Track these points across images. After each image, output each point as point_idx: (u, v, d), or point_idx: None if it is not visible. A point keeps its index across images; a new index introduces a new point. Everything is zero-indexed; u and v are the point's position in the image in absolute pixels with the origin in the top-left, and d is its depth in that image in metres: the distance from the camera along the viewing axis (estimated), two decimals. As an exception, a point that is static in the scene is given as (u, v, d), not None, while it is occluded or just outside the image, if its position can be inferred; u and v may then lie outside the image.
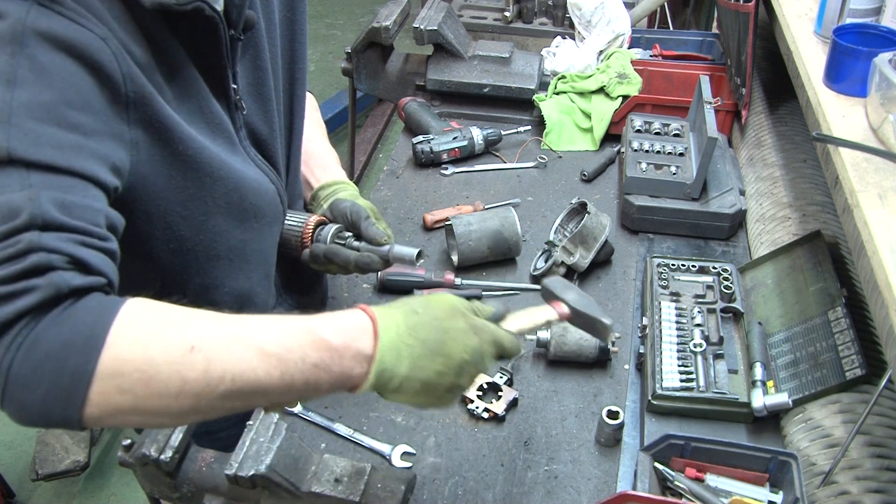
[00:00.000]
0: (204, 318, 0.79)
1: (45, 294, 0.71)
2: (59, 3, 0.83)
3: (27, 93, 0.78)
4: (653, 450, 1.15)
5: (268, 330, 0.80)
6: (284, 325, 0.81)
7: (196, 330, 0.77)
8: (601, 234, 1.59)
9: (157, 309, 0.78)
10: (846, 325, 1.24)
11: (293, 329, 0.81)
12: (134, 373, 0.73)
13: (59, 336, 0.71)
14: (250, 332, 0.79)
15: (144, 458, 1.09)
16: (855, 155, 1.10)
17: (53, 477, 2.57)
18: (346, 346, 0.82)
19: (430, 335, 0.86)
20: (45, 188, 0.75)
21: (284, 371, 0.78)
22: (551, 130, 2.08)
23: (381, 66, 2.26)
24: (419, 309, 0.88)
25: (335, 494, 1.06)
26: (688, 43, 2.35)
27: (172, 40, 0.98)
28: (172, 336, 0.75)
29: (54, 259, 0.73)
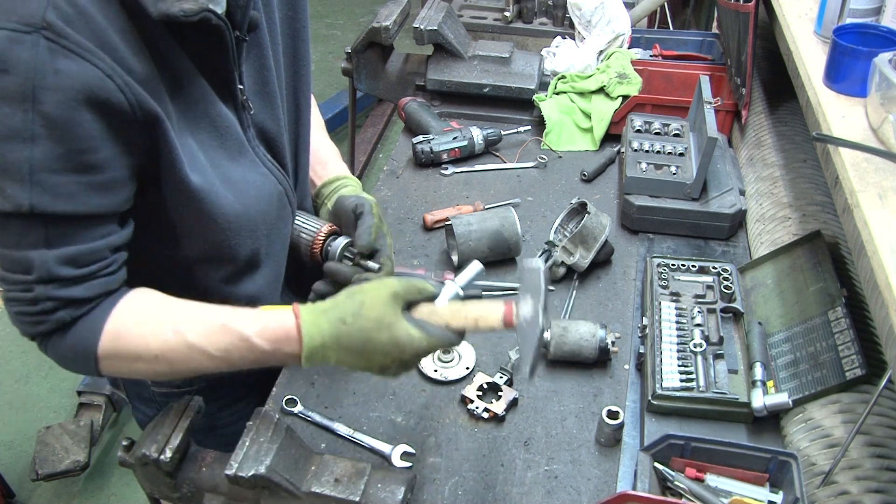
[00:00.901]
0: (168, 327, 1.01)
1: (52, 327, 0.99)
2: (64, 38, 0.84)
3: (44, 148, 0.87)
4: (653, 450, 1.15)
5: (213, 340, 1.00)
6: (226, 336, 1.01)
7: (160, 342, 1.00)
8: (601, 234, 1.59)
9: (134, 320, 1.01)
10: (846, 325, 1.24)
11: (232, 337, 1.00)
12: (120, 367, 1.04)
13: (67, 349, 1.01)
14: (200, 342, 1.00)
15: (144, 458, 1.09)
16: (855, 155, 1.10)
17: (53, 477, 2.57)
18: (276, 349, 1.01)
19: (353, 345, 0.99)
20: (59, 244, 0.94)
21: (231, 365, 1.03)
22: (551, 130, 2.08)
23: (381, 66, 2.26)
24: (348, 318, 0.98)
25: (335, 494, 1.06)
26: (688, 43, 2.35)
27: (178, 50, 0.99)
28: (142, 349, 1.01)
29: (56, 305, 0.97)
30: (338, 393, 1.40)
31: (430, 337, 1.00)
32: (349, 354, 0.99)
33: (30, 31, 0.83)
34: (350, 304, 0.99)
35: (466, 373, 1.41)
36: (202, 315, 1.03)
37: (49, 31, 0.84)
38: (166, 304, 1.05)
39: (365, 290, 1.01)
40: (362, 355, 0.99)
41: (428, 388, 1.40)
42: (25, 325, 0.99)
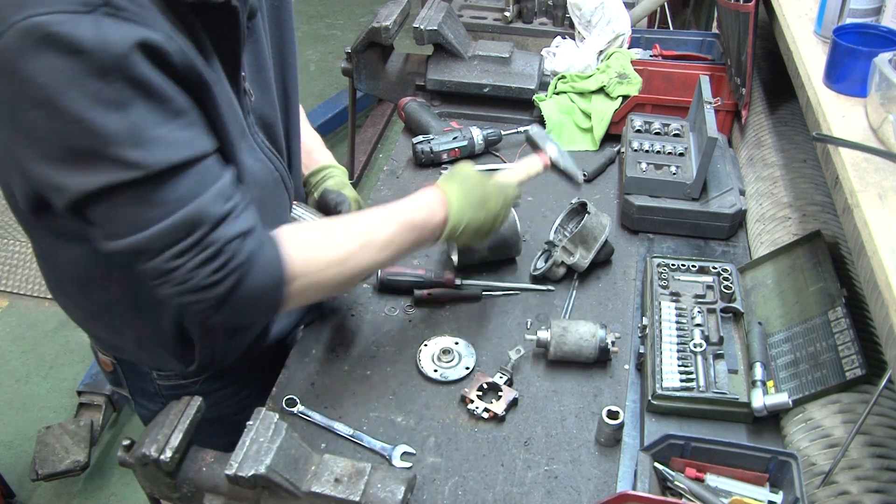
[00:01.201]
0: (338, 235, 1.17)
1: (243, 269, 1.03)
2: (123, 9, 0.88)
3: (140, 108, 0.91)
4: (653, 450, 1.15)
5: (382, 230, 1.20)
6: (390, 222, 1.21)
7: (339, 249, 1.15)
8: (601, 234, 1.59)
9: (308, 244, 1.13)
10: (846, 325, 1.24)
11: (396, 224, 1.21)
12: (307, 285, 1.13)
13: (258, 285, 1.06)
14: (372, 236, 1.18)
15: (144, 458, 1.09)
16: (855, 155, 1.10)
17: (53, 477, 2.57)
18: (429, 218, 1.25)
19: (476, 197, 1.29)
20: (204, 187, 0.98)
21: (397, 253, 1.22)
22: (551, 130, 2.08)
23: (381, 66, 2.26)
24: (464, 181, 1.29)
25: (335, 494, 1.07)
26: (688, 43, 2.34)
27: (202, 32, 1.01)
28: (331, 254, 1.14)
29: (237, 241, 1.02)
30: (338, 393, 1.40)
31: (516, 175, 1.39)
32: (475, 208, 1.28)
33: (90, 9, 0.85)
34: (456, 176, 1.31)
35: (466, 373, 1.41)
36: (364, 216, 1.22)
37: (107, 6, 0.86)
38: (323, 222, 1.22)
39: (456, 169, 1.33)
40: (483, 204, 1.29)
41: (428, 388, 1.40)
42: (213, 287, 1.01)
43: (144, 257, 0.99)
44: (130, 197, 0.94)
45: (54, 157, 0.92)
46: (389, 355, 1.47)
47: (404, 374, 1.43)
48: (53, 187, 0.95)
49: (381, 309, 1.57)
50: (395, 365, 1.45)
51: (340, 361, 1.46)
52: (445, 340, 1.48)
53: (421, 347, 1.46)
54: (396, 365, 1.45)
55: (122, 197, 0.94)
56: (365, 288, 1.62)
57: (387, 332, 1.52)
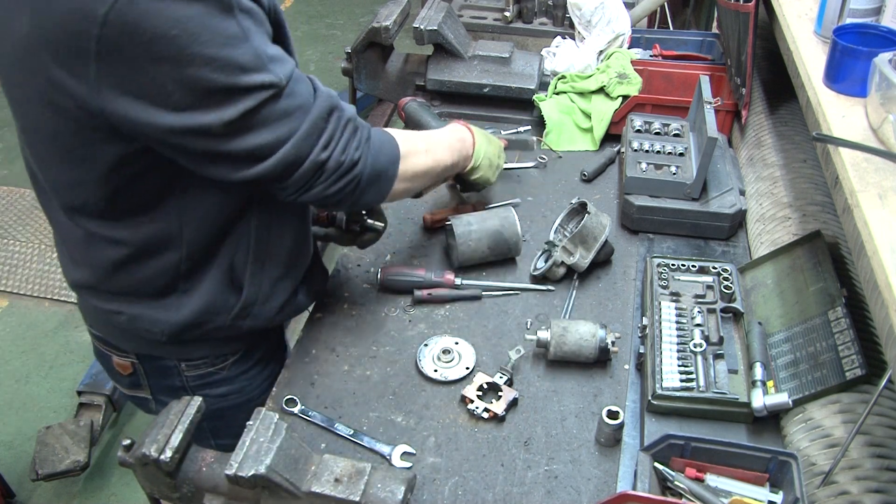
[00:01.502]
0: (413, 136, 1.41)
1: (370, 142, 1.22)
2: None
3: (256, 36, 1.03)
4: (653, 450, 1.15)
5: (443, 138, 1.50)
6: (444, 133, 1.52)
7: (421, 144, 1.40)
8: (601, 234, 1.59)
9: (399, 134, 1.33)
10: (846, 325, 1.24)
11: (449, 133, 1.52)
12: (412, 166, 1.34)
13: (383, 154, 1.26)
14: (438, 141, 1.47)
15: (144, 458, 1.08)
16: (855, 155, 1.10)
17: (53, 477, 2.57)
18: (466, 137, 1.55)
19: (483, 133, 1.60)
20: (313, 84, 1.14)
21: (455, 158, 1.50)
22: (551, 130, 2.08)
23: (381, 66, 2.26)
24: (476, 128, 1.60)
25: (335, 494, 1.06)
26: (688, 43, 2.34)
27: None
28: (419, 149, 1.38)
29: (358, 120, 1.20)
30: (338, 393, 1.40)
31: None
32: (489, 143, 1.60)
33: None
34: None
35: (466, 373, 1.41)
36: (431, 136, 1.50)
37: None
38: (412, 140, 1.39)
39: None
40: (489, 137, 1.62)
41: (428, 388, 1.40)
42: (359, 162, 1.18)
43: (293, 167, 1.11)
44: (268, 116, 1.06)
45: (186, 106, 1.00)
46: (389, 355, 1.47)
47: (404, 374, 1.43)
48: (192, 131, 1.03)
49: (381, 309, 1.57)
50: (395, 365, 1.45)
51: (340, 361, 1.46)
52: (445, 340, 1.48)
53: (421, 347, 1.46)
54: (396, 365, 1.45)
55: (261, 119, 1.05)
56: (365, 288, 1.62)
57: (387, 332, 1.52)
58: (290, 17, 6.13)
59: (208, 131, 1.03)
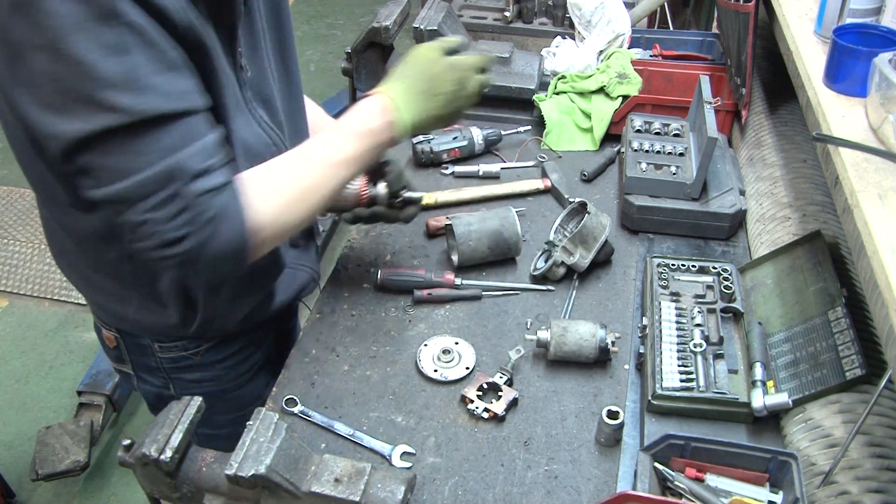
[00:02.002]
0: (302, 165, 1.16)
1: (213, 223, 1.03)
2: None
3: (138, 55, 0.93)
4: (653, 450, 1.15)
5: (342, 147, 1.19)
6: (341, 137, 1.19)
7: (305, 181, 1.15)
8: (601, 234, 1.59)
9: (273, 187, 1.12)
10: (846, 325, 1.24)
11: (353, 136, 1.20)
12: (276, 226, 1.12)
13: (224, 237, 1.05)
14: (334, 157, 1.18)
15: (144, 458, 1.08)
16: (855, 155, 1.10)
17: (53, 477, 2.57)
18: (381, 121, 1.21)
19: (423, 86, 1.24)
20: (188, 141, 1.00)
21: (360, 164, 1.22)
22: (551, 130, 2.08)
23: (381, 66, 2.26)
24: (409, 71, 1.25)
25: (335, 494, 1.06)
26: (688, 43, 2.34)
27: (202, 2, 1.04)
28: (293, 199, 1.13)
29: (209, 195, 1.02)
30: (338, 393, 1.40)
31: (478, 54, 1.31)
32: (425, 98, 1.24)
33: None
34: (403, 68, 1.26)
35: (466, 373, 1.41)
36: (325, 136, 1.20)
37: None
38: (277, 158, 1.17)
39: (407, 57, 1.27)
40: (434, 90, 1.24)
41: (428, 388, 1.40)
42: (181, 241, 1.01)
43: (123, 207, 1.00)
44: (118, 144, 0.96)
45: (51, 103, 0.93)
46: (389, 355, 1.47)
47: (404, 374, 1.43)
48: (49, 135, 0.96)
49: (381, 309, 1.57)
50: (395, 365, 1.45)
51: (340, 361, 1.46)
52: (445, 340, 1.48)
53: (421, 347, 1.46)
54: (396, 365, 1.45)
55: (111, 144, 0.96)
56: (365, 288, 1.62)
57: (387, 332, 1.52)
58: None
59: (60, 138, 0.96)
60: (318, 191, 1.17)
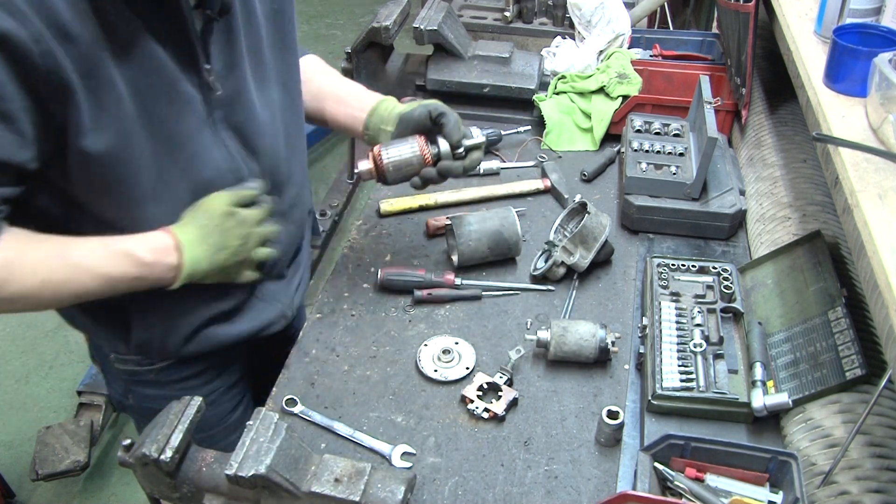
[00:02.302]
0: (53, 252, 1.08)
1: None
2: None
3: None
4: (653, 450, 1.15)
5: (98, 257, 1.11)
6: (110, 252, 1.11)
7: (45, 268, 1.07)
8: (601, 234, 1.59)
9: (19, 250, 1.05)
10: (846, 325, 1.24)
11: (117, 254, 1.12)
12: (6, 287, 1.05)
13: None
14: (86, 261, 1.10)
15: (144, 458, 1.08)
16: (855, 155, 1.10)
17: (53, 477, 2.57)
18: (157, 261, 1.15)
19: (214, 239, 1.19)
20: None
21: (114, 286, 1.14)
22: (551, 130, 2.08)
23: (381, 66, 2.26)
24: (203, 220, 1.18)
25: (335, 494, 1.06)
26: (688, 43, 2.34)
27: (128, 15, 1.00)
28: (28, 276, 1.05)
29: None
30: (338, 393, 1.40)
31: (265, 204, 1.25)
32: (214, 250, 1.20)
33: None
34: (199, 214, 1.19)
35: (466, 373, 1.41)
36: (86, 241, 1.11)
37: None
38: (47, 237, 1.09)
39: (202, 204, 1.19)
40: (224, 243, 1.20)
41: (428, 388, 1.40)
42: None
43: None
44: None
45: None
46: (389, 355, 1.47)
47: (404, 374, 1.43)
48: None
49: (381, 309, 1.57)
50: (395, 365, 1.45)
51: (340, 361, 1.46)
52: (445, 340, 1.48)
53: (421, 347, 1.46)
54: (396, 365, 1.45)
55: None
56: (365, 288, 1.62)
57: (387, 332, 1.52)
58: (290, 17, 6.12)
59: None
60: (56, 293, 1.10)
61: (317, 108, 1.52)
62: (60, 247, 1.09)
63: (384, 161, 1.42)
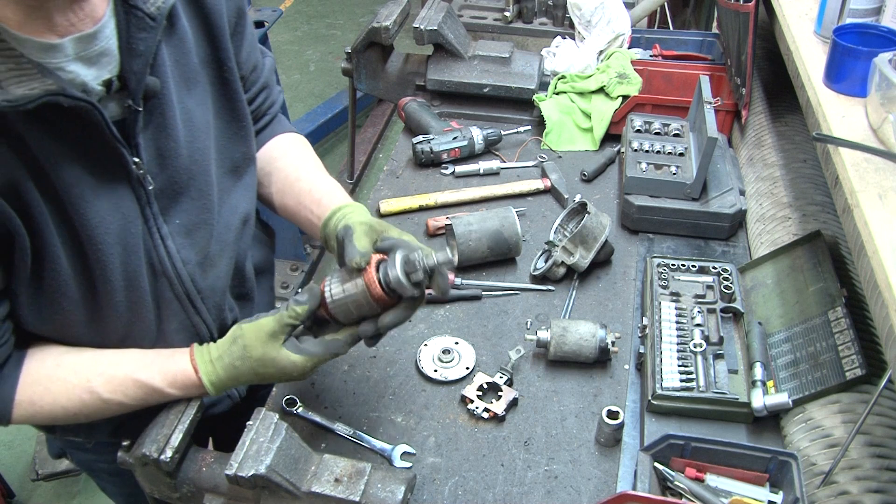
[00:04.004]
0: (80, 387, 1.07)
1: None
2: None
3: None
4: (653, 450, 1.15)
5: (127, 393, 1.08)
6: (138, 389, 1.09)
7: (76, 403, 1.07)
8: (601, 234, 1.59)
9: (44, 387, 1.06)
10: (846, 325, 1.24)
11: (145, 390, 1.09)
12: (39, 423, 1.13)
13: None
14: (114, 396, 1.08)
15: (144, 458, 1.08)
16: (855, 155, 1.10)
17: (53, 477, 2.57)
18: (186, 394, 1.11)
19: (250, 378, 1.10)
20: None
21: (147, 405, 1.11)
22: (551, 130, 2.08)
23: (381, 66, 2.26)
24: (237, 362, 1.09)
25: (335, 494, 1.06)
26: (688, 43, 2.35)
27: (39, 134, 0.92)
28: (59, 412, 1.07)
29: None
30: (338, 393, 1.40)
31: (311, 358, 1.11)
32: (249, 382, 1.12)
33: None
34: (236, 349, 1.09)
35: (466, 373, 1.41)
36: (109, 370, 1.09)
37: None
38: (73, 364, 1.08)
39: (245, 333, 1.09)
40: (261, 380, 1.12)
41: (428, 388, 1.40)
42: None
43: None
44: None
45: None
46: (389, 355, 1.47)
47: (404, 374, 1.43)
48: None
49: (381, 309, 1.57)
50: (395, 365, 1.45)
51: (340, 361, 1.46)
52: (445, 340, 1.48)
53: (421, 347, 1.46)
54: (396, 365, 1.45)
55: None
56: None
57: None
58: (291, 17, 6.14)
59: None
60: (88, 416, 1.10)
61: (280, 202, 1.35)
62: (86, 382, 1.07)
63: (328, 302, 1.11)
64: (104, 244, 1.02)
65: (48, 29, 0.90)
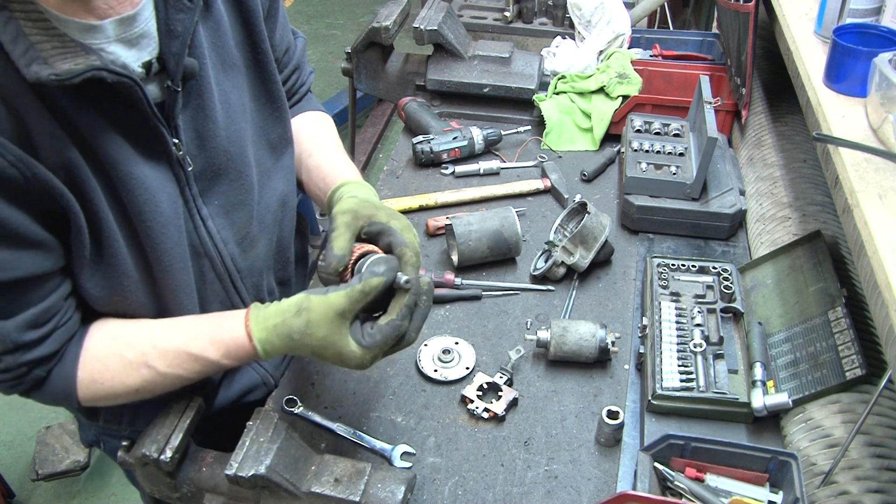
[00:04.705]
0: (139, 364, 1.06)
1: (29, 386, 1.06)
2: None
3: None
4: (653, 450, 1.15)
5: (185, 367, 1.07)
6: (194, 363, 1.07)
7: (136, 379, 1.06)
8: (601, 234, 1.59)
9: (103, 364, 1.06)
10: (846, 325, 1.24)
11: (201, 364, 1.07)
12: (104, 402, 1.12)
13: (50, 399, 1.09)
14: (173, 370, 1.07)
15: (144, 458, 1.09)
16: (855, 155, 1.10)
17: (53, 477, 2.57)
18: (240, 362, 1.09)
19: (304, 353, 1.05)
20: (13, 312, 0.97)
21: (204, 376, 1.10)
22: (551, 130, 2.08)
23: (381, 66, 2.26)
24: (296, 335, 1.02)
25: (335, 494, 1.06)
26: (688, 43, 2.35)
27: (83, 109, 0.93)
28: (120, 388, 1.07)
29: (29, 367, 1.02)
30: (338, 393, 1.40)
31: (370, 351, 1.03)
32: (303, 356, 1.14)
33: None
34: (297, 322, 1.01)
35: (466, 373, 1.41)
36: (166, 344, 1.07)
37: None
38: (129, 339, 1.08)
39: (312, 307, 1.00)
40: (316, 359, 1.07)
41: (428, 388, 1.40)
42: (3, 388, 1.06)
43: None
44: None
45: None
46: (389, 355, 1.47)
47: (404, 374, 1.43)
48: None
49: (381, 309, 1.57)
50: (395, 365, 1.45)
51: (340, 361, 1.46)
52: (445, 340, 1.48)
53: (421, 347, 1.46)
54: (396, 365, 1.45)
55: None
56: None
57: (387, 332, 1.52)
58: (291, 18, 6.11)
59: None
60: (151, 391, 1.09)
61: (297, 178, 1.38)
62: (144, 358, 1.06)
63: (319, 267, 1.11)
64: (155, 223, 1.04)
65: (87, 11, 0.91)
